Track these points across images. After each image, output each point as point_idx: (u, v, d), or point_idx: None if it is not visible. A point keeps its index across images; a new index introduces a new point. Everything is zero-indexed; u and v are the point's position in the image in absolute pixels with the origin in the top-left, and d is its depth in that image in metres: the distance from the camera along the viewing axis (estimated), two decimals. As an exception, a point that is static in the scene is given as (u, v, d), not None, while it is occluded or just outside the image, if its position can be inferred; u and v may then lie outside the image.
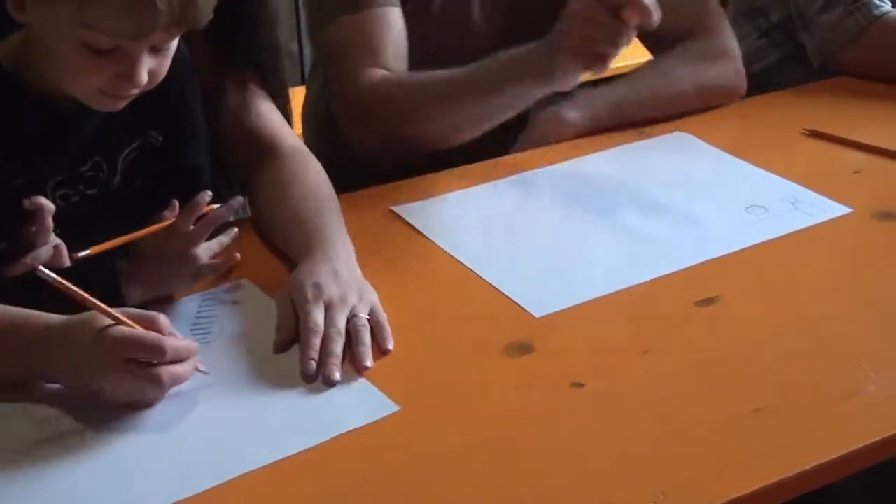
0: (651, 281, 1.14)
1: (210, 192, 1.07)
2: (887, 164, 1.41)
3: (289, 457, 0.88)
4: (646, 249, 1.20)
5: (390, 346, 1.02)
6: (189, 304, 1.09)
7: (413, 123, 1.35)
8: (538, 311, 1.08)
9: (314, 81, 1.70)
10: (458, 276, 1.16)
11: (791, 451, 0.88)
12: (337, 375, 0.97)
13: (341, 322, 1.01)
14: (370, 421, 0.92)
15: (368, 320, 1.03)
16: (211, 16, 0.98)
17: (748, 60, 1.88)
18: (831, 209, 1.28)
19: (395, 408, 0.94)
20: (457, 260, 1.19)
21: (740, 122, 1.51)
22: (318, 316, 1.01)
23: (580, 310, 1.09)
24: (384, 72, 1.40)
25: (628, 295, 1.12)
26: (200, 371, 0.97)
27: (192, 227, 1.05)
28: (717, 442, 0.90)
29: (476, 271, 1.16)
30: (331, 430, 0.91)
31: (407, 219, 1.27)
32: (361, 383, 0.97)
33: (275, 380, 0.98)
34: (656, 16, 1.21)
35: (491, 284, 1.13)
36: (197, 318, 1.08)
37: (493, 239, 1.24)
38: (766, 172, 1.38)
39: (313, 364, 0.98)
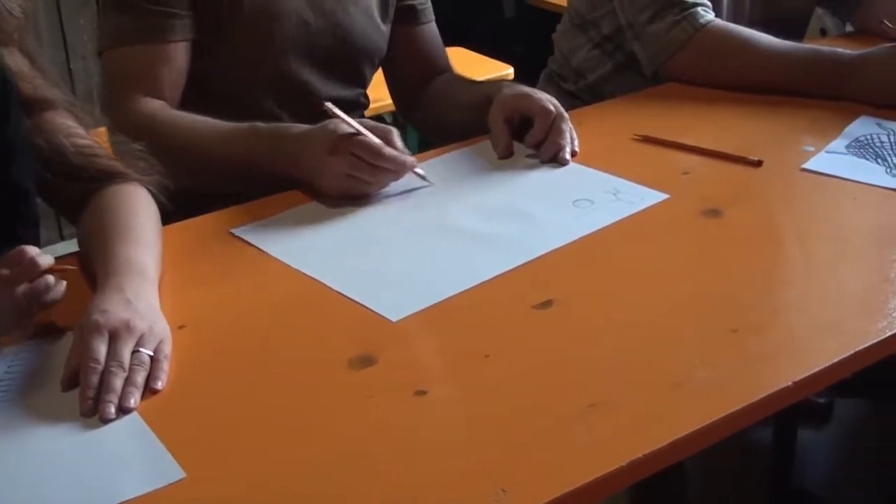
0: (490, 283, 1.17)
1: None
2: (714, 165, 1.48)
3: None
4: (483, 249, 1.24)
5: (159, 387, 0.99)
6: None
7: (166, 163, 1.35)
8: (393, 316, 1.10)
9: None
10: (305, 290, 1.17)
11: (624, 442, 0.92)
12: (112, 412, 0.94)
13: (124, 355, 0.99)
14: (154, 487, 0.88)
15: (151, 357, 1.01)
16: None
17: (583, 71, 1.95)
18: (650, 196, 1.37)
19: (180, 474, 0.89)
20: (303, 274, 1.20)
21: (578, 130, 1.56)
22: (99, 348, 0.98)
23: (423, 316, 1.11)
24: (156, 103, 1.45)
25: (469, 298, 1.15)
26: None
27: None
28: (555, 438, 0.93)
29: (324, 282, 1.18)
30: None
31: (248, 240, 1.28)
32: (148, 439, 0.93)
33: (55, 433, 0.94)
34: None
35: (340, 294, 1.15)
36: (6, 372, 1.03)
37: (337, 249, 1.26)
38: (591, 169, 1.45)
39: (90, 403, 0.95)
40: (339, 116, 1.36)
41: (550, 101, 1.50)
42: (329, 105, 1.37)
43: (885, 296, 1.15)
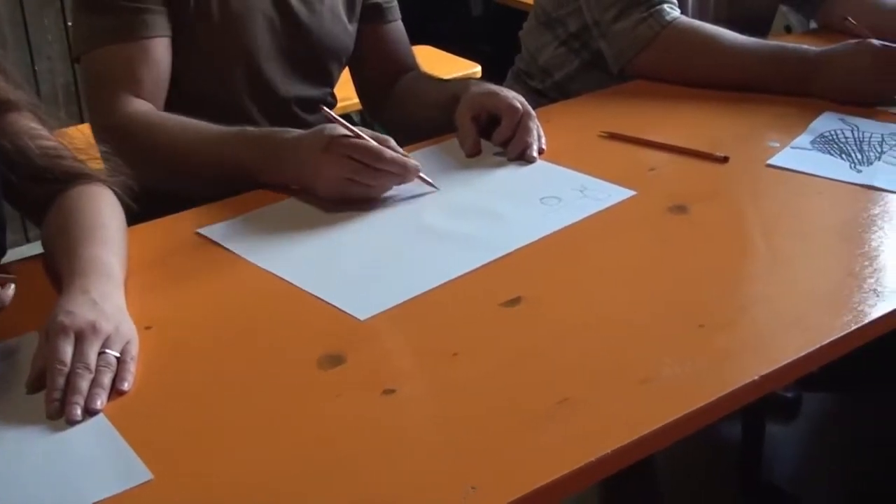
0: (458, 280, 1.17)
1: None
2: (681, 161, 1.49)
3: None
4: (451, 247, 1.24)
5: (125, 388, 0.98)
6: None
7: (147, 165, 1.35)
8: (361, 314, 1.10)
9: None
10: (272, 289, 1.17)
11: (593, 438, 0.92)
12: (78, 414, 0.94)
13: (90, 356, 0.98)
14: (121, 489, 0.87)
15: (118, 358, 1.00)
16: None
17: (550, 69, 1.96)
18: (617, 193, 1.37)
19: (147, 475, 0.88)
20: (271, 273, 1.19)
21: (545, 128, 1.56)
22: (65, 350, 0.98)
23: (392, 314, 1.11)
24: (140, 103, 1.43)
25: (437, 296, 1.15)
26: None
27: None
28: (525, 435, 0.93)
29: (292, 282, 1.17)
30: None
31: (215, 239, 1.27)
32: (114, 441, 0.92)
33: (21, 436, 0.93)
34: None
35: (308, 293, 1.15)
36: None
37: (303, 249, 1.25)
38: (558, 167, 1.46)
39: (56, 405, 0.94)
40: (336, 121, 1.35)
41: (517, 99, 1.50)
42: (326, 110, 1.37)
43: (849, 290, 1.16)
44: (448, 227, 1.29)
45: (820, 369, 2.54)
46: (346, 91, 1.82)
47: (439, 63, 2.83)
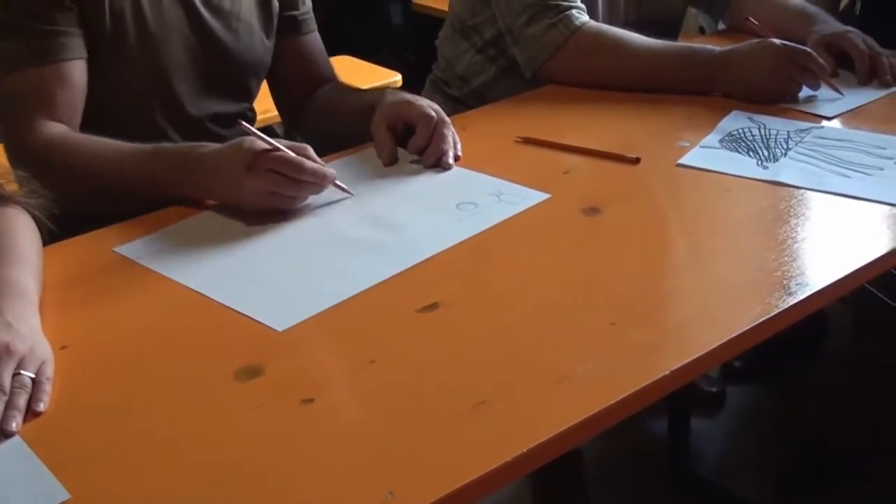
0: (376, 288, 1.18)
1: None
2: (594, 163, 1.52)
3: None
4: (368, 255, 1.25)
5: (41, 409, 0.98)
6: None
7: (65, 186, 1.34)
8: (279, 326, 1.11)
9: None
10: (189, 304, 1.17)
11: (509, 438, 0.94)
12: None
13: (4, 378, 0.98)
14: None
15: (33, 379, 1.00)
16: None
17: (467, 77, 1.98)
18: (532, 197, 1.40)
19: (65, 496, 0.87)
20: (188, 288, 1.19)
21: (461, 135, 1.58)
22: None
23: (310, 324, 1.12)
24: (56, 126, 1.43)
25: (355, 304, 1.15)
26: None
27: None
28: (442, 438, 0.95)
29: (208, 295, 1.17)
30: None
31: (130, 257, 1.27)
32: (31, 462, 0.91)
33: None
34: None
35: (224, 306, 1.15)
36: None
37: (219, 262, 1.25)
38: (474, 172, 1.47)
39: None
40: (254, 134, 1.35)
41: (432, 107, 1.52)
42: (244, 123, 1.37)
43: (758, 284, 1.19)
44: (365, 236, 1.30)
45: (742, 363, 2.62)
46: (267, 103, 1.82)
47: (359, 73, 2.84)
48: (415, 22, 3.76)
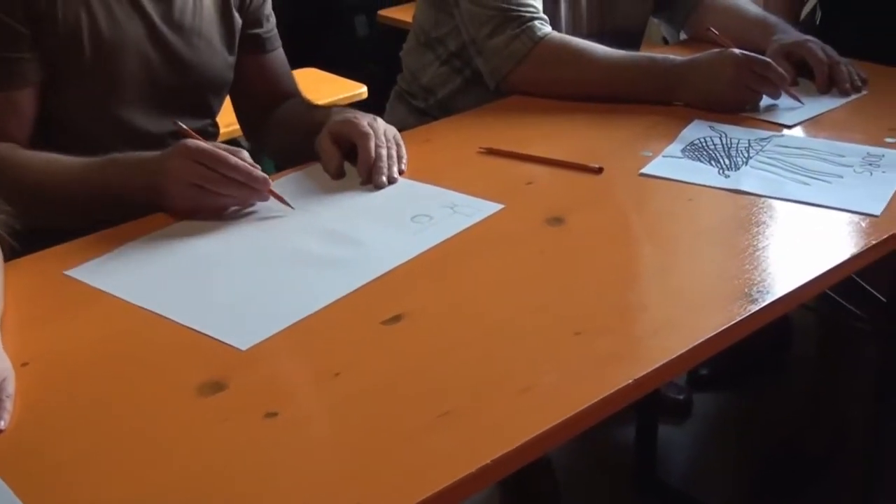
0: (338, 303, 1.18)
1: None
2: (557, 174, 1.53)
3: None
4: (327, 271, 1.25)
5: (1, 427, 0.97)
6: None
7: (15, 202, 1.32)
8: (243, 344, 1.10)
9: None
10: (149, 324, 1.16)
11: (474, 448, 0.94)
12: None
13: None
14: None
15: None
16: None
17: (433, 88, 1.98)
18: (487, 207, 1.40)
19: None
20: (147, 310, 1.18)
21: (424, 147, 1.59)
22: None
23: (273, 340, 1.11)
24: (3, 145, 1.43)
25: (318, 319, 1.15)
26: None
27: None
28: (407, 449, 0.95)
29: (167, 316, 1.16)
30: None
31: (84, 280, 1.25)
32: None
33: None
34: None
35: (185, 326, 1.14)
36: None
37: (176, 282, 1.24)
38: (426, 185, 1.47)
39: None
40: (190, 135, 1.36)
41: (372, 126, 1.51)
42: (179, 123, 1.38)
43: (721, 291, 1.21)
44: (322, 251, 1.29)
45: (709, 371, 2.63)
46: (230, 117, 1.82)
47: (325, 85, 2.83)
48: (380, 34, 3.77)
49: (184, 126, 1.37)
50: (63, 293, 1.23)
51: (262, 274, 1.26)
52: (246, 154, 1.36)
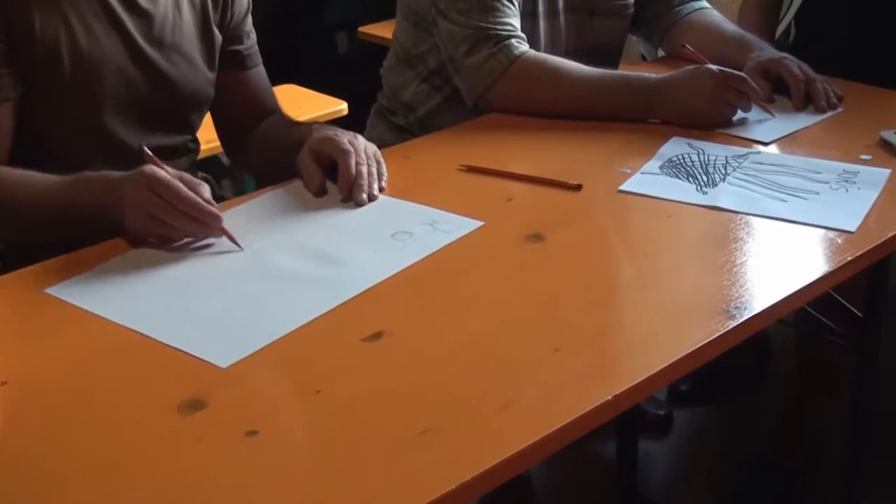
0: (319, 320, 1.18)
1: None
2: (536, 191, 1.53)
3: None
4: (307, 288, 1.25)
5: None
6: None
7: None
8: (223, 362, 1.10)
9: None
10: (129, 342, 1.15)
11: (454, 465, 0.94)
12: None
13: None
14: None
15: None
16: None
17: (413, 105, 1.99)
18: (467, 224, 1.41)
19: None
20: (127, 328, 1.18)
21: (404, 164, 1.59)
22: None
23: (253, 358, 1.11)
24: None
25: (299, 337, 1.15)
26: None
27: None
28: (388, 466, 0.95)
29: (147, 334, 1.16)
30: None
31: (63, 298, 1.24)
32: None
33: None
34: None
35: (165, 343, 1.14)
36: None
37: (157, 300, 1.24)
38: (406, 202, 1.48)
39: None
40: (156, 163, 1.35)
41: (352, 143, 1.51)
42: (145, 149, 1.37)
43: (700, 307, 1.21)
44: (302, 269, 1.30)
45: (689, 386, 2.64)
46: (211, 133, 1.81)
47: (305, 102, 2.83)
48: (360, 50, 3.77)
49: (149, 152, 1.36)
50: (42, 311, 1.22)
51: (243, 291, 1.26)
52: (206, 188, 1.36)
